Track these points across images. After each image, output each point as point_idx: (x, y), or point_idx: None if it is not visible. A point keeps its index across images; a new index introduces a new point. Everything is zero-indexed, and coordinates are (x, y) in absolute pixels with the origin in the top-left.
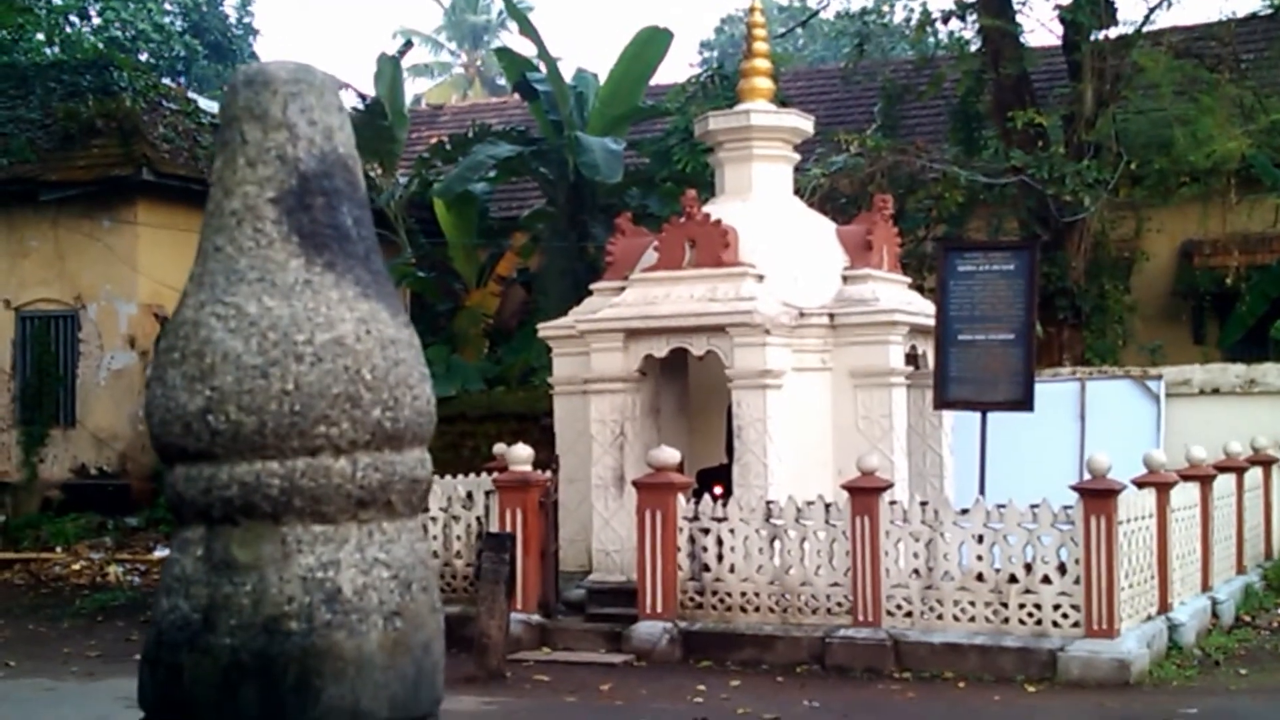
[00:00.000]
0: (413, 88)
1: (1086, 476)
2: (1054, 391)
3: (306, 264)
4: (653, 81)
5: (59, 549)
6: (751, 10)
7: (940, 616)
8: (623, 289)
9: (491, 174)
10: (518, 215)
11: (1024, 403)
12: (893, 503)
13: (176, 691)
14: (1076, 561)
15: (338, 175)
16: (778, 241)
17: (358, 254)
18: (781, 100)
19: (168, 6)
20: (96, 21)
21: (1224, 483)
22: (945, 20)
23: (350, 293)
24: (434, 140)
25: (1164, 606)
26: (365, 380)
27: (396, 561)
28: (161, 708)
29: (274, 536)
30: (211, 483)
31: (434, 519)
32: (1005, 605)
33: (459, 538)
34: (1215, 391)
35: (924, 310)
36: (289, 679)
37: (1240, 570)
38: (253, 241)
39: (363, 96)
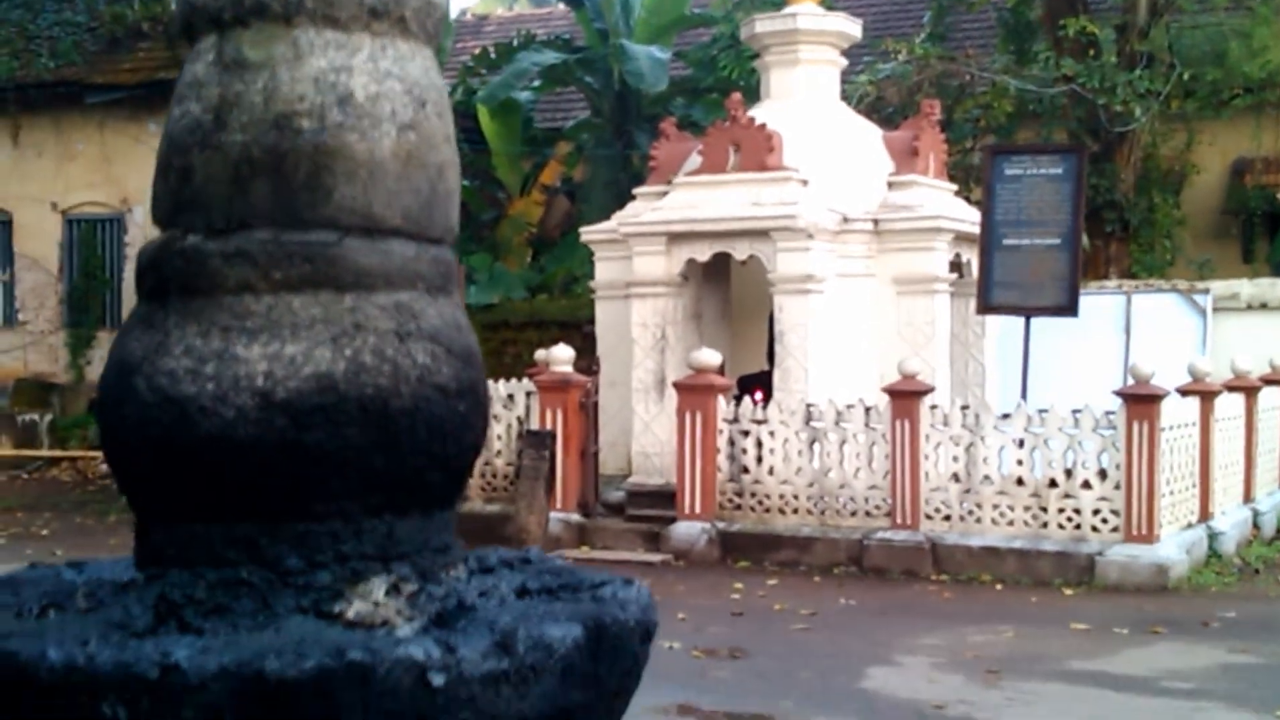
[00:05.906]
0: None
1: (1130, 383)
2: (1099, 304)
3: None
4: None
5: None
6: None
7: (979, 520)
8: (666, 193)
9: (536, 82)
10: (562, 126)
11: (1068, 308)
12: (933, 407)
13: (187, 193)
14: (1118, 467)
15: None
16: (823, 146)
17: None
18: (829, 6)
19: None
20: None
21: (1270, 395)
22: None
23: None
24: (478, 50)
25: (1205, 515)
26: None
27: (410, 78)
28: (173, 213)
29: (286, 37)
30: None
31: None
32: (1044, 510)
33: (499, 437)
34: (1263, 306)
35: (969, 217)
36: (300, 175)
37: None
38: None
39: None
